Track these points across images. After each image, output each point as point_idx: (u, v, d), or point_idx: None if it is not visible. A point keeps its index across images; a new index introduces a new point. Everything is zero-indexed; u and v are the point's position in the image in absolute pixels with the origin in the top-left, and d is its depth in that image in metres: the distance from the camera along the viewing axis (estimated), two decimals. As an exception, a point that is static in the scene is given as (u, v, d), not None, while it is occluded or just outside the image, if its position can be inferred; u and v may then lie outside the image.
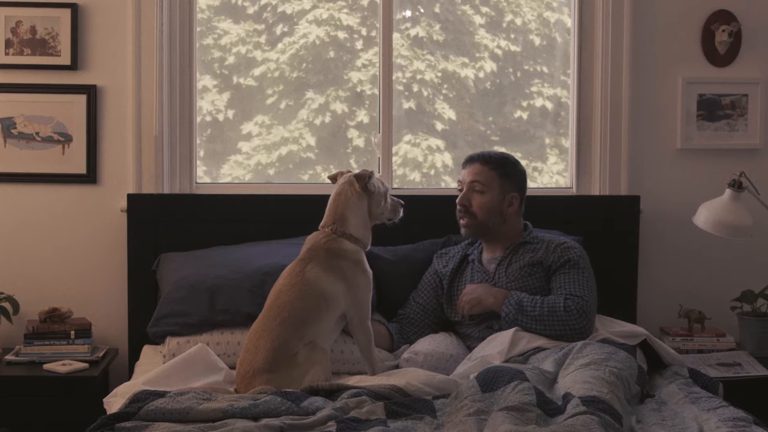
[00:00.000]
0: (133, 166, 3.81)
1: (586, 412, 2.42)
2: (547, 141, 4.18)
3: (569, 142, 4.10)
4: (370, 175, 3.16)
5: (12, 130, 3.78)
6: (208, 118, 4.05)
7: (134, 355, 3.56)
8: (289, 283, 3.06)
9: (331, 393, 2.77)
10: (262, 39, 4.07)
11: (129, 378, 3.33)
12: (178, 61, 3.86)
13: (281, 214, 3.77)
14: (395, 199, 3.29)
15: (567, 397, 2.58)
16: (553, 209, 3.85)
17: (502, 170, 3.39)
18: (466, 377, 2.90)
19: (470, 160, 3.44)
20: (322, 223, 3.19)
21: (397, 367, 3.19)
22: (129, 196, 3.74)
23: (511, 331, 3.13)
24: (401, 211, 3.28)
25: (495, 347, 3.09)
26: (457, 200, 3.41)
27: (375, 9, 4.03)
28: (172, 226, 3.72)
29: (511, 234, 3.42)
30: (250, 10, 4.06)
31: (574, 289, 3.21)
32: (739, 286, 3.86)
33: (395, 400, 2.68)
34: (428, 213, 3.71)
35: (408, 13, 4.12)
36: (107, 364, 3.60)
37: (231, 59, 4.05)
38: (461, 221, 3.42)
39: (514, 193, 3.40)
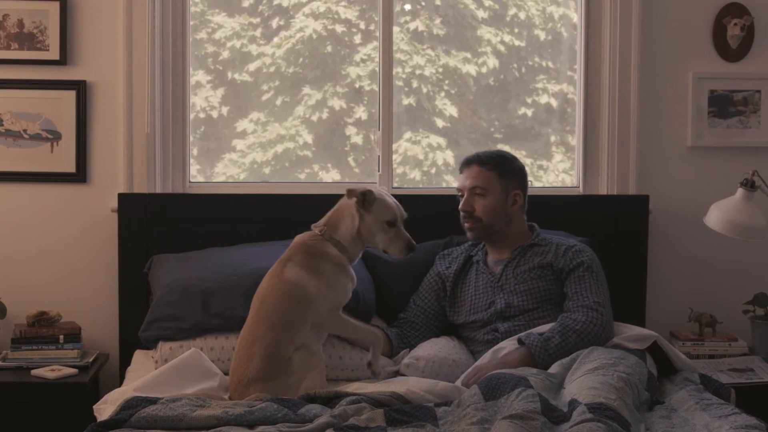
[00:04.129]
0: (124, 165, 3.79)
1: (592, 420, 2.38)
2: (553, 138, 4.16)
3: (576, 140, 4.08)
4: (364, 193, 3.06)
5: (-1, 127, 3.77)
6: (202, 115, 4.03)
7: (125, 361, 3.54)
8: (269, 285, 3.04)
9: (329, 400, 2.75)
10: (258, 33, 4.04)
11: (120, 384, 3.31)
12: (170, 56, 3.83)
13: (277, 215, 3.74)
14: (406, 236, 3.11)
15: (573, 403, 2.54)
16: (559, 209, 3.82)
17: (501, 169, 3.36)
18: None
19: (467, 164, 3.40)
20: (314, 224, 3.15)
21: (397, 373, 3.16)
22: (120, 195, 3.72)
23: (515, 338, 3.09)
24: (405, 251, 3.10)
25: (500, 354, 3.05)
26: (459, 207, 3.38)
27: (374, 2, 4.01)
28: (164, 227, 3.70)
29: (517, 234, 3.38)
30: (245, 3, 4.05)
31: (590, 297, 3.14)
32: (752, 289, 3.84)
33: (395, 407, 2.65)
34: (429, 213, 3.67)
35: (408, 7, 4.10)
36: (97, 369, 3.59)
37: (225, 54, 4.03)
38: (466, 225, 3.38)
39: (517, 190, 3.37)
